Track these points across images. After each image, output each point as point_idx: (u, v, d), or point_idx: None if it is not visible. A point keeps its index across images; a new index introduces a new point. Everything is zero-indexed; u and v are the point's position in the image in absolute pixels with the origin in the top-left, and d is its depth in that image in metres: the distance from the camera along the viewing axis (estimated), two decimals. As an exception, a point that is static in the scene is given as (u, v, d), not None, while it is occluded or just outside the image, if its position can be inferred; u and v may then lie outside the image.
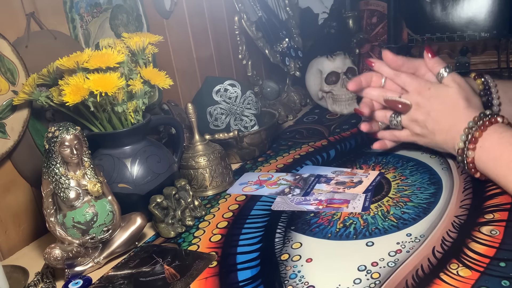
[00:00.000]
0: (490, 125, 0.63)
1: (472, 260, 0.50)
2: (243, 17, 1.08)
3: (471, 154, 0.64)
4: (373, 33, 1.26)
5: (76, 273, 0.60)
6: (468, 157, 0.64)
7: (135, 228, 0.64)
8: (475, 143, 0.63)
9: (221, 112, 0.89)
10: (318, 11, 1.38)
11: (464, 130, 0.64)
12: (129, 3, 0.89)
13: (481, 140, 0.63)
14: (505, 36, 1.10)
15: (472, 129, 0.64)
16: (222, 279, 0.55)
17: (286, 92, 1.22)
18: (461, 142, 0.65)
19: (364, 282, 0.50)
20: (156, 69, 0.71)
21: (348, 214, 0.65)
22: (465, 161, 0.65)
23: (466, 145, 0.64)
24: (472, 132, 0.64)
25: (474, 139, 0.63)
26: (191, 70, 1.10)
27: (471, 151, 0.63)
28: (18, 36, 0.69)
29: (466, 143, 0.64)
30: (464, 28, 1.17)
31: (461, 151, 0.65)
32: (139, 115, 0.70)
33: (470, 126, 0.64)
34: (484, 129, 0.63)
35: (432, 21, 1.20)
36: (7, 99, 0.67)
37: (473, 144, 0.63)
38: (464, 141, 0.64)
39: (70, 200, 0.59)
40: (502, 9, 1.12)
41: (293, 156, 0.89)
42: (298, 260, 0.56)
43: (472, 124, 0.64)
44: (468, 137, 0.64)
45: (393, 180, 0.73)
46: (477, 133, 0.63)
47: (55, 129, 0.58)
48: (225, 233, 0.65)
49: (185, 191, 0.71)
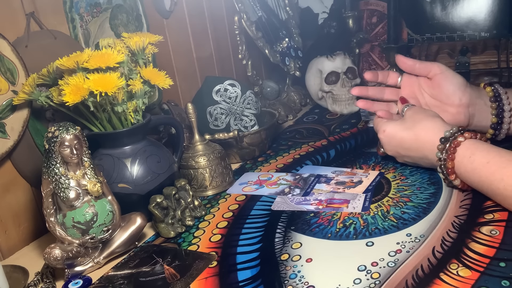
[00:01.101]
0: (455, 151, 0.62)
1: (472, 260, 0.50)
2: (243, 17, 1.08)
3: (456, 182, 0.64)
4: (373, 33, 1.26)
5: (76, 273, 0.60)
6: (456, 184, 0.64)
7: (135, 228, 0.64)
8: (453, 173, 0.63)
9: (221, 112, 0.89)
10: (318, 11, 1.38)
11: (436, 163, 0.65)
12: (129, 3, 0.89)
13: (456, 169, 0.62)
14: (505, 36, 1.10)
15: (442, 160, 0.64)
16: (222, 279, 0.55)
17: (286, 92, 1.22)
18: (441, 173, 0.65)
19: (364, 282, 0.50)
20: (156, 69, 0.71)
21: (348, 214, 0.65)
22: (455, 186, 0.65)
23: (447, 176, 0.64)
24: (443, 164, 0.64)
25: (450, 169, 0.63)
26: (191, 70, 1.10)
27: (455, 180, 0.63)
28: (18, 36, 0.69)
29: (446, 175, 0.64)
30: (464, 28, 1.17)
31: (447, 180, 0.65)
32: (139, 115, 0.70)
33: (439, 157, 0.64)
34: (452, 157, 0.62)
35: (432, 21, 1.20)
36: (7, 99, 0.67)
37: (452, 174, 0.63)
38: (442, 172, 0.65)
39: (70, 200, 0.59)
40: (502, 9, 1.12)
41: (293, 156, 0.89)
42: (298, 260, 0.56)
43: (439, 155, 0.64)
44: (443, 170, 0.64)
45: (393, 180, 0.73)
46: (449, 164, 0.63)
47: (55, 129, 0.58)
48: (225, 233, 0.65)
49: (185, 191, 0.71)
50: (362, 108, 0.83)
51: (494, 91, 0.75)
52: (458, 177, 0.63)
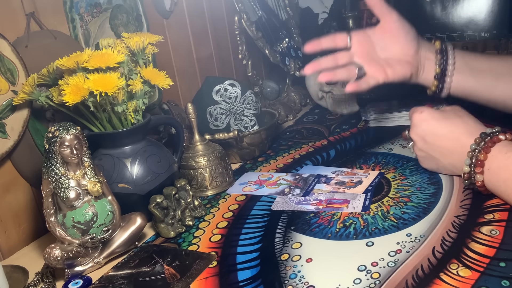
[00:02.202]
0: (493, 145, 0.60)
1: (472, 260, 0.50)
2: (243, 17, 1.08)
3: (479, 177, 0.61)
4: (373, 33, 1.26)
5: (76, 273, 0.60)
6: (477, 180, 0.61)
7: (135, 228, 0.64)
8: (481, 166, 0.60)
9: (221, 112, 0.89)
10: (318, 11, 1.38)
11: (468, 154, 0.62)
12: (129, 3, 0.89)
13: (487, 162, 0.60)
14: (505, 36, 1.10)
15: (475, 151, 0.61)
16: (222, 279, 0.55)
17: (286, 92, 1.22)
18: (466, 166, 0.62)
19: (364, 282, 0.50)
20: (156, 69, 0.71)
21: (348, 214, 0.65)
22: (475, 184, 0.62)
23: (472, 168, 0.61)
24: (475, 154, 0.61)
25: (479, 162, 0.60)
26: (191, 70, 1.10)
27: (479, 175, 0.61)
28: (18, 36, 0.69)
29: (471, 167, 0.61)
30: (464, 28, 1.17)
31: (468, 176, 0.62)
32: (139, 115, 0.70)
33: (473, 148, 0.61)
34: (487, 151, 0.60)
35: (432, 21, 1.20)
36: (7, 99, 0.67)
37: (480, 168, 0.60)
38: (469, 165, 0.62)
39: (70, 200, 0.59)
40: (502, 9, 1.12)
41: (293, 156, 0.89)
42: (298, 260, 0.56)
43: (474, 146, 0.61)
44: (473, 161, 0.61)
45: (393, 180, 0.73)
46: (481, 156, 0.60)
47: (55, 129, 0.58)
48: (225, 233, 0.65)
49: (185, 191, 0.71)
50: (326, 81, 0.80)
51: (442, 45, 0.77)
52: (483, 173, 0.61)
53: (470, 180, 0.63)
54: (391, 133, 0.93)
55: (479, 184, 0.61)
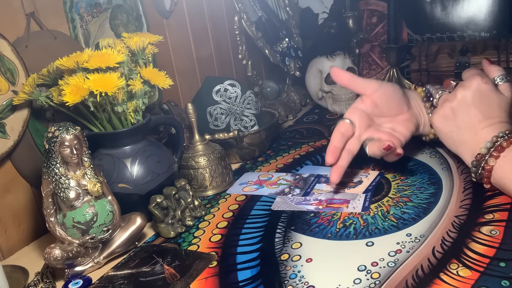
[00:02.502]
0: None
1: (472, 260, 0.50)
2: (243, 17, 1.08)
3: (491, 162, 0.61)
4: (373, 33, 1.26)
5: (76, 273, 0.60)
6: (488, 163, 0.61)
7: (135, 228, 0.64)
8: (499, 152, 0.60)
9: (221, 112, 0.89)
10: (318, 11, 1.38)
11: (492, 138, 0.62)
12: (129, 3, 0.89)
13: (507, 150, 0.60)
14: (505, 36, 1.10)
15: (501, 138, 0.61)
16: (222, 279, 0.55)
17: (286, 92, 1.22)
18: (485, 148, 0.62)
19: (364, 282, 0.50)
20: (156, 69, 0.71)
21: (348, 214, 0.65)
22: (482, 168, 0.62)
23: (489, 151, 0.61)
24: (500, 141, 0.61)
25: (500, 147, 0.61)
26: (191, 70, 1.10)
27: (493, 159, 0.61)
28: (18, 36, 0.69)
29: (490, 150, 0.61)
30: (464, 28, 1.17)
31: (480, 157, 0.62)
32: (139, 115, 0.70)
33: (500, 135, 0.61)
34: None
35: (432, 21, 1.20)
36: (7, 99, 0.67)
37: (498, 153, 0.60)
38: (488, 148, 0.61)
39: (70, 200, 0.59)
40: (502, 9, 1.12)
41: (293, 156, 0.89)
42: (298, 260, 0.56)
43: (502, 133, 0.61)
44: (495, 145, 0.61)
45: (393, 180, 0.73)
46: (505, 143, 0.60)
47: (55, 129, 0.58)
48: (225, 233, 0.65)
49: (185, 191, 0.71)
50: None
51: (425, 92, 0.74)
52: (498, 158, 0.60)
53: (478, 163, 0.62)
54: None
55: (487, 168, 0.61)
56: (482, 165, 0.62)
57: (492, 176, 0.61)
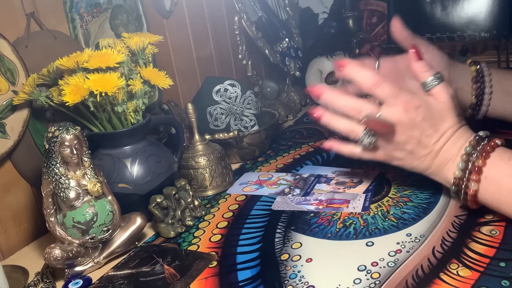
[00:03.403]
0: (492, 150, 0.55)
1: (472, 260, 0.50)
2: (243, 17, 1.08)
3: (473, 185, 0.55)
4: (373, 33, 1.26)
5: (76, 273, 0.60)
6: (470, 188, 0.55)
7: (135, 228, 0.64)
8: (478, 174, 0.54)
9: (221, 112, 0.89)
10: (318, 11, 1.38)
11: (462, 157, 0.56)
12: (129, 3, 0.89)
13: (485, 169, 0.54)
14: (505, 36, 1.10)
15: (473, 155, 0.55)
16: (222, 279, 0.55)
17: (286, 92, 1.22)
18: (458, 170, 0.56)
19: (364, 282, 0.50)
20: (156, 69, 0.71)
21: (348, 214, 0.65)
22: (465, 193, 0.56)
23: (466, 174, 0.55)
24: (472, 159, 0.55)
25: (477, 168, 0.54)
26: (191, 70, 1.10)
27: (474, 183, 0.55)
28: (18, 36, 0.69)
29: (466, 173, 0.55)
30: (464, 28, 1.17)
31: (458, 181, 0.56)
32: (139, 115, 0.70)
33: (468, 151, 0.55)
34: (486, 156, 0.54)
35: (432, 21, 1.20)
36: (7, 99, 0.67)
37: (477, 175, 0.54)
38: (462, 169, 0.55)
39: (70, 200, 0.59)
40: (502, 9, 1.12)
41: (293, 156, 0.89)
42: (298, 260, 0.56)
43: (469, 149, 0.55)
44: (469, 165, 0.55)
45: (393, 180, 0.73)
46: (479, 161, 0.54)
47: (55, 129, 0.58)
48: (225, 233, 0.65)
49: (185, 191, 0.71)
50: None
51: (478, 71, 0.71)
52: (480, 181, 0.54)
53: (458, 189, 0.56)
54: (391, 133, 0.93)
55: (471, 193, 0.55)
56: (463, 190, 0.56)
57: (479, 199, 0.56)
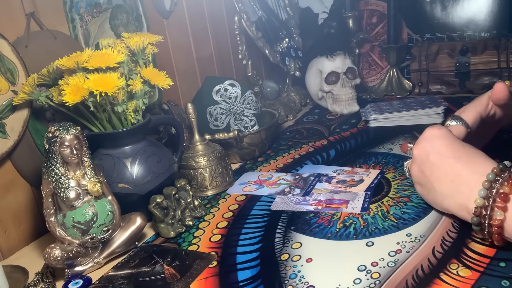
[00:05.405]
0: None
1: (472, 260, 0.50)
2: (243, 17, 1.08)
3: (499, 215, 0.49)
4: (373, 33, 1.26)
5: (76, 273, 0.60)
6: (495, 218, 0.49)
7: (135, 228, 0.64)
8: (505, 201, 0.48)
9: (221, 112, 0.89)
10: (318, 11, 1.38)
11: (483, 184, 0.50)
12: (129, 3, 0.89)
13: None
14: (505, 36, 1.10)
15: (497, 182, 0.49)
16: (222, 279, 0.55)
17: (286, 92, 1.22)
18: (479, 198, 0.50)
19: (364, 282, 0.50)
20: (156, 69, 0.71)
21: (348, 214, 0.65)
22: (489, 225, 0.50)
23: (490, 203, 0.49)
24: (496, 186, 0.49)
25: (503, 195, 0.48)
26: (191, 70, 1.10)
27: (500, 211, 0.48)
28: (18, 36, 0.69)
29: (490, 201, 0.49)
30: (464, 28, 1.17)
31: (480, 211, 0.50)
32: (139, 115, 0.70)
33: (491, 178, 0.50)
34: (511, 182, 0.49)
35: (432, 21, 1.20)
36: (7, 99, 0.67)
37: (503, 203, 0.48)
38: (484, 197, 0.50)
39: (70, 200, 0.59)
40: (502, 9, 1.12)
41: (293, 156, 0.89)
42: (298, 260, 0.56)
43: (492, 176, 0.50)
44: (493, 193, 0.49)
45: (393, 180, 0.73)
46: (506, 188, 0.48)
47: (55, 129, 0.58)
48: (225, 233, 0.65)
49: (185, 191, 0.71)
50: None
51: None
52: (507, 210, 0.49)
53: (479, 218, 0.51)
54: (391, 133, 0.93)
55: (496, 223, 0.49)
56: (487, 221, 0.50)
57: (506, 231, 0.49)
